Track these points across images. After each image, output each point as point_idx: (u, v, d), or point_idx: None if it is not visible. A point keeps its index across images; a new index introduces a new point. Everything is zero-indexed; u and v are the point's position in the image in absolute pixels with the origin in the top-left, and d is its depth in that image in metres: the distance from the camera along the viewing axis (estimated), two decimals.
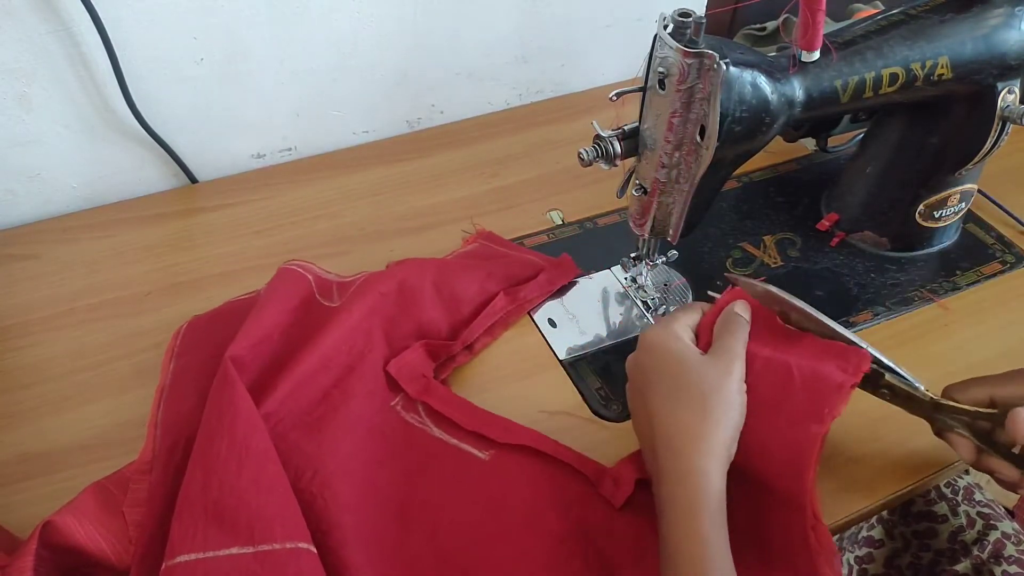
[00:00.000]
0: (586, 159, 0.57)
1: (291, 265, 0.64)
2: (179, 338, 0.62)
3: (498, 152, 0.85)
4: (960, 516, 0.64)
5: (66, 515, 0.48)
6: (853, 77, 0.57)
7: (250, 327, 0.57)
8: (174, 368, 0.59)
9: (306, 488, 0.50)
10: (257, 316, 0.58)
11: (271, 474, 0.48)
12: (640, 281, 0.68)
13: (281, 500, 0.47)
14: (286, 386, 0.54)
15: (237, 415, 0.50)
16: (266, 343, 0.57)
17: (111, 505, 0.50)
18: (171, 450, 0.53)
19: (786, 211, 0.78)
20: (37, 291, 0.68)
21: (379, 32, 0.79)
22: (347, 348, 0.58)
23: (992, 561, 0.60)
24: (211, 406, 0.51)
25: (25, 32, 0.65)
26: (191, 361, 0.59)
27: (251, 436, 0.49)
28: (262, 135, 0.81)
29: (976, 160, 0.66)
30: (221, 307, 0.64)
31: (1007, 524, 0.62)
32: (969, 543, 0.62)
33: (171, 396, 0.57)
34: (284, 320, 0.59)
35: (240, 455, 0.48)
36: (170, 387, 0.58)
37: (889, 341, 0.65)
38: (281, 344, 0.58)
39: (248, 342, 0.55)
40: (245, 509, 0.46)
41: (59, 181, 0.75)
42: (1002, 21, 0.60)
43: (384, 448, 0.55)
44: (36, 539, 0.46)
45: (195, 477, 0.48)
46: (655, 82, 0.52)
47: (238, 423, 0.49)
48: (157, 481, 0.52)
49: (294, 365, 0.55)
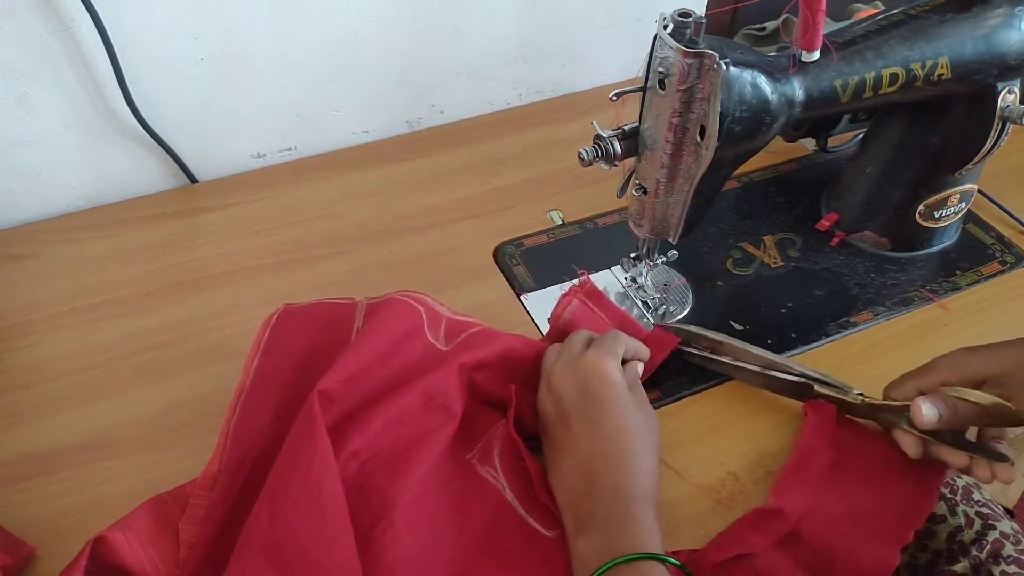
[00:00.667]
0: (586, 159, 0.57)
1: (403, 296, 0.58)
2: (268, 329, 0.57)
3: (498, 152, 0.85)
4: (958, 516, 0.64)
5: (117, 531, 0.47)
6: (853, 77, 0.57)
7: (347, 360, 0.52)
8: (257, 366, 0.55)
9: (379, 538, 0.48)
10: (356, 349, 0.53)
11: (337, 525, 0.46)
12: (640, 281, 0.68)
13: (343, 554, 0.45)
14: (378, 423, 0.51)
15: (314, 457, 0.47)
16: (362, 376, 0.53)
17: (166, 522, 0.49)
18: (236, 469, 0.51)
19: (786, 211, 0.78)
20: (37, 291, 0.68)
21: (379, 32, 0.79)
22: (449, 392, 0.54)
23: (991, 561, 0.60)
24: (292, 441, 0.49)
25: (25, 32, 0.65)
26: (275, 364, 0.56)
27: (323, 482, 0.47)
28: (262, 135, 0.81)
29: (976, 160, 0.66)
30: (315, 305, 0.59)
31: (1006, 524, 0.62)
32: (967, 543, 0.62)
33: (247, 404, 0.54)
34: (385, 352, 0.54)
35: (310, 501, 0.46)
36: (249, 391, 0.55)
37: (889, 341, 0.65)
38: (379, 378, 0.54)
39: (342, 376, 0.52)
40: (304, 558, 0.45)
41: (59, 181, 0.75)
42: (1002, 21, 0.60)
43: (457, 503, 0.52)
44: (87, 555, 0.45)
45: (262, 513, 0.46)
46: (655, 82, 0.52)
47: (313, 467, 0.47)
48: (217, 501, 0.50)
49: (391, 401, 0.52)
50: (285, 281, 0.70)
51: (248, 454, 0.52)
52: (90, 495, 0.54)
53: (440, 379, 0.54)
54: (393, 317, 0.56)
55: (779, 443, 0.58)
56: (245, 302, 0.68)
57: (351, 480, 0.49)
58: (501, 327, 0.65)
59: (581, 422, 0.52)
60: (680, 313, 0.67)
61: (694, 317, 0.67)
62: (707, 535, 0.53)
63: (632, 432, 0.51)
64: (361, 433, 0.51)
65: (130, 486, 0.55)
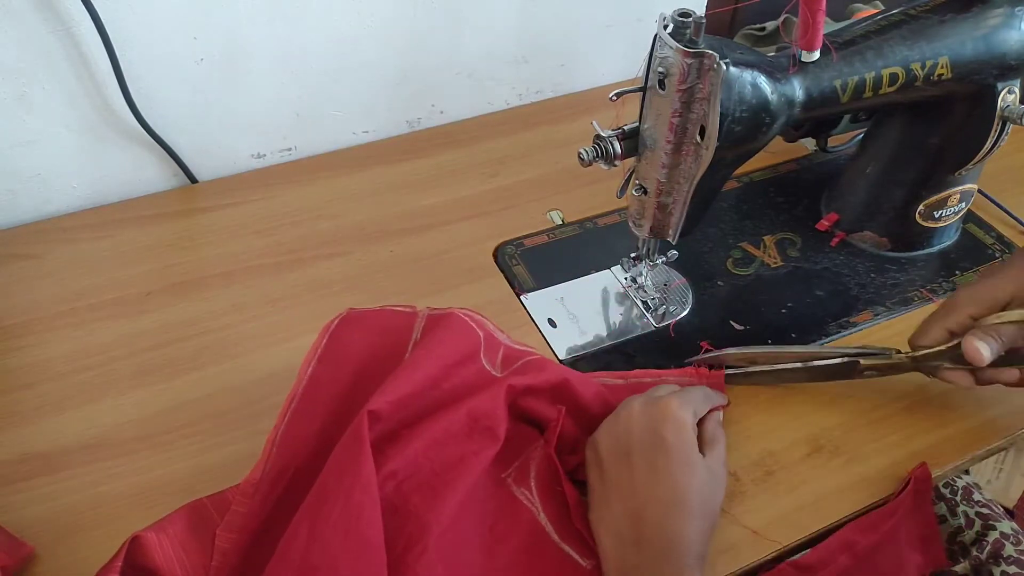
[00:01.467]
0: (586, 159, 0.57)
1: (465, 315, 0.56)
2: (327, 335, 0.56)
3: (498, 152, 0.85)
4: (959, 516, 0.64)
5: (152, 531, 0.47)
6: (853, 77, 0.57)
7: (400, 380, 0.51)
8: (312, 373, 0.54)
9: (411, 565, 0.47)
10: (411, 368, 0.52)
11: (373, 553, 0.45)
12: (640, 281, 0.68)
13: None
14: (419, 443, 0.50)
15: (356, 479, 0.46)
16: (414, 397, 0.52)
17: (203, 527, 0.49)
18: (277, 478, 0.50)
19: (786, 211, 0.78)
20: (37, 291, 0.68)
21: (379, 32, 0.79)
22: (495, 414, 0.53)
23: (991, 561, 0.60)
24: (337, 459, 0.48)
25: (25, 32, 0.65)
26: (330, 373, 0.55)
27: (363, 509, 0.46)
28: (262, 135, 0.81)
29: (976, 160, 0.66)
30: (376, 312, 0.57)
31: (1006, 524, 0.62)
32: (968, 543, 0.62)
33: (297, 411, 0.53)
34: (438, 376, 0.53)
35: (348, 526, 0.45)
36: (300, 399, 0.54)
37: (889, 341, 0.65)
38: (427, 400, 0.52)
39: (394, 396, 0.50)
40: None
41: (59, 181, 0.75)
42: (1002, 21, 0.60)
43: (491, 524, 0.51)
44: (123, 556, 0.45)
45: (300, 532, 0.46)
46: (655, 82, 0.52)
47: (355, 491, 0.46)
48: (255, 510, 0.49)
49: (435, 421, 0.51)
50: (285, 281, 0.70)
51: (291, 463, 0.51)
52: (90, 495, 0.54)
53: (487, 400, 0.52)
54: (451, 338, 0.54)
55: (779, 443, 0.58)
56: (245, 302, 0.68)
57: (387, 501, 0.48)
58: (501, 327, 0.66)
59: (643, 465, 0.49)
60: (680, 313, 0.67)
61: (694, 317, 0.67)
62: None
63: (695, 489, 0.48)
64: (401, 453, 0.49)
65: (130, 486, 0.55)
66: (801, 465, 0.57)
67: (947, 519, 0.64)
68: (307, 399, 0.54)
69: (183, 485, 0.54)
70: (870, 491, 0.56)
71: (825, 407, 0.60)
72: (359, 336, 0.56)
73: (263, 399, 0.60)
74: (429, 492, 0.49)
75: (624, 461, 0.49)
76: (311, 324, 0.59)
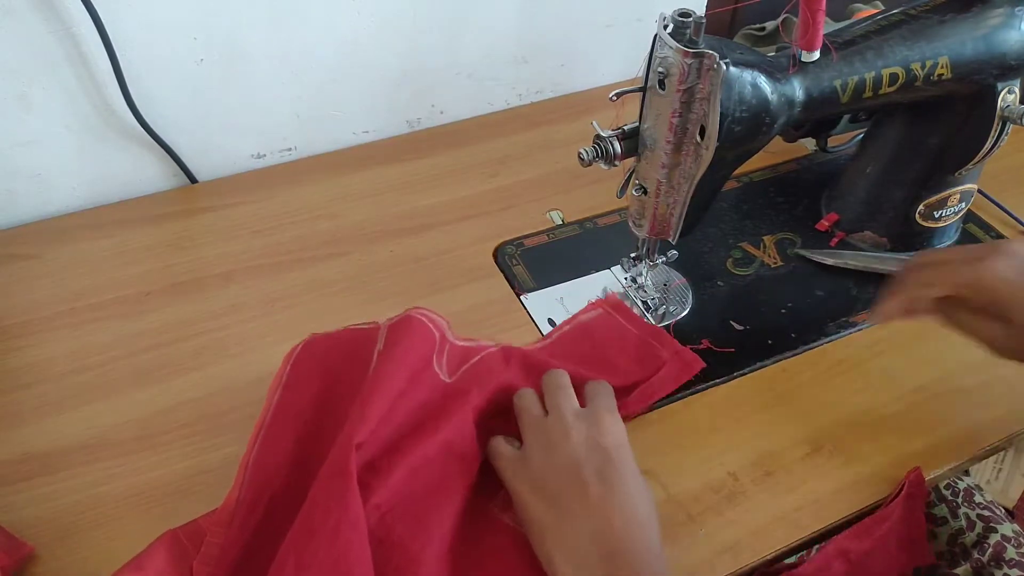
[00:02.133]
0: (586, 159, 0.57)
1: (421, 315, 0.56)
2: (290, 363, 0.56)
3: (498, 152, 0.85)
4: (960, 519, 0.64)
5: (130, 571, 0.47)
6: (853, 77, 0.57)
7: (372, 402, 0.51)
8: (278, 401, 0.55)
9: None
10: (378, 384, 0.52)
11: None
12: (640, 281, 0.68)
13: None
14: (399, 473, 0.50)
15: (344, 515, 0.46)
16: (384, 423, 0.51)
17: (181, 560, 0.48)
18: (253, 506, 0.50)
19: (786, 211, 0.78)
20: (37, 291, 0.68)
21: (379, 32, 0.79)
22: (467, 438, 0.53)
23: (992, 564, 0.60)
24: (320, 492, 0.47)
25: (25, 32, 0.65)
26: (296, 398, 0.55)
27: (351, 546, 0.45)
28: (262, 135, 0.81)
29: (976, 160, 0.66)
30: (340, 334, 0.58)
31: (1007, 527, 0.62)
32: (969, 546, 0.62)
33: (267, 436, 0.53)
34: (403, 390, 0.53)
35: (335, 562, 0.45)
36: (269, 425, 0.54)
37: (888, 341, 0.65)
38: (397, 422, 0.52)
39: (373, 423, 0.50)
40: None
41: (59, 181, 0.75)
42: (1002, 21, 0.60)
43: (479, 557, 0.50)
44: None
45: (287, 565, 0.45)
46: (655, 82, 0.52)
47: (342, 527, 0.46)
48: (232, 540, 0.49)
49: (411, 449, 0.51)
50: (284, 281, 0.70)
51: (265, 490, 0.51)
52: (90, 495, 0.54)
53: (459, 425, 0.52)
54: (410, 339, 0.54)
55: (779, 443, 0.58)
56: (245, 302, 0.68)
57: (372, 533, 0.48)
58: (501, 327, 0.66)
59: (596, 481, 0.48)
60: (680, 313, 0.67)
61: (694, 317, 0.67)
62: (707, 535, 0.53)
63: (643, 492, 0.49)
64: (384, 484, 0.49)
65: (129, 486, 0.55)
66: (800, 465, 0.57)
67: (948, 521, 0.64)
68: (277, 424, 0.54)
69: (182, 485, 0.55)
70: (870, 491, 0.55)
71: (825, 407, 0.60)
72: (322, 356, 0.56)
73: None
74: (412, 521, 0.49)
75: (575, 484, 0.49)
76: (311, 324, 0.59)
